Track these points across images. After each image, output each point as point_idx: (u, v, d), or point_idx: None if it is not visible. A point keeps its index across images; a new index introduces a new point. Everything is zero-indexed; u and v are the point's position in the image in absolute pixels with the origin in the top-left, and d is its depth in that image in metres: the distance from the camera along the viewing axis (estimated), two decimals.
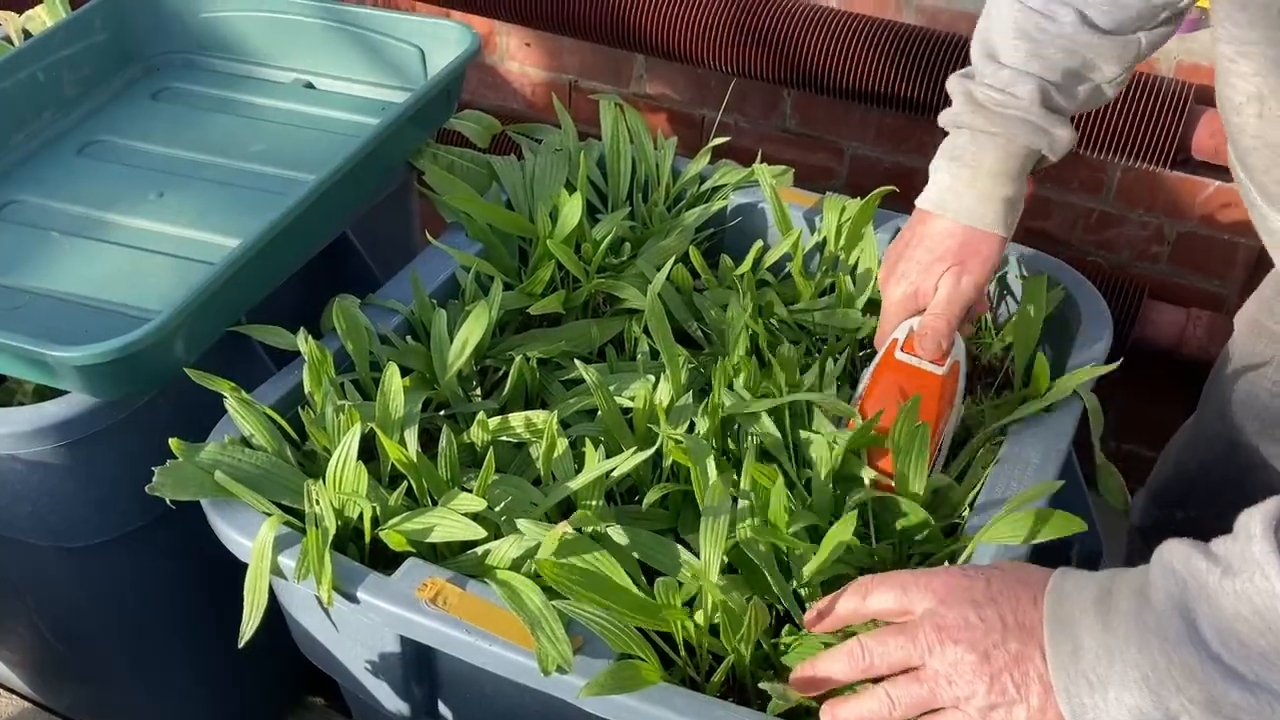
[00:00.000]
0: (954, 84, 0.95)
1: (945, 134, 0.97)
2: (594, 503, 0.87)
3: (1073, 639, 0.62)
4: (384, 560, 0.86)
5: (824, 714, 0.70)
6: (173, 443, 0.88)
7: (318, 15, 1.31)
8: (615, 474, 0.88)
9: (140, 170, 1.21)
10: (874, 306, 1.07)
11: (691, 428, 0.95)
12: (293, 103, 1.31)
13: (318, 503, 0.86)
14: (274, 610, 0.89)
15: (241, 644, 0.84)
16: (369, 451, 0.91)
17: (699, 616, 0.79)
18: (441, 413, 1.00)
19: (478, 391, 1.04)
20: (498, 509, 0.87)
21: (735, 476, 0.87)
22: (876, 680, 0.69)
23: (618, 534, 0.84)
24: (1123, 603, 0.62)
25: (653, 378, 0.97)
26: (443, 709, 0.92)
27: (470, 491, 0.86)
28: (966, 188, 0.93)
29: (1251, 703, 0.56)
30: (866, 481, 0.90)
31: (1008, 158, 0.92)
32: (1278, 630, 0.55)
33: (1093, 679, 0.61)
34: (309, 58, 1.34)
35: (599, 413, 0.95)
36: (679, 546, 0.85)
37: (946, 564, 0.86)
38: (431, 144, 1.23)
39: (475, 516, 0.84)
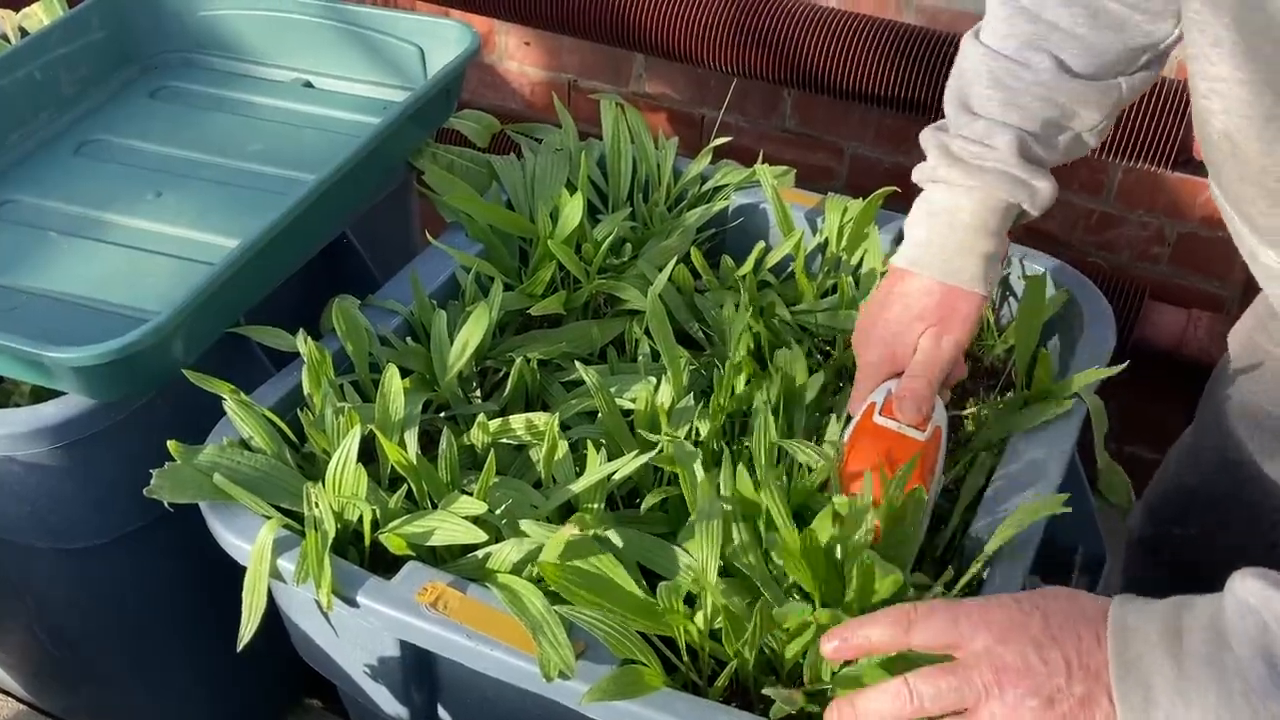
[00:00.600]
0: (927, 137, 0.91)
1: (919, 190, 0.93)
2: (595, 505, 0.86)
3: (1144, 684, 0.59)
4: (384, 564, 0.86)
5: None
6: (171, 445, 0.87)
7: (317, 14, 1.31)
8: (616, 477, 0.87)
9: (138, 170, 1.20)
10: None
11: (693, 430, 0.94)
12: (292, 102, 1.30)
13: (317, 505, 0.85)
14: (273, 612, 0.88)
15: (240, 647, 0.83)
16: (368, 454, 0.90)
17: (699, 620, 0.78)
18: (441, 414, 0.99)
19: (478, 393, 1.03)
20: (498, 512, 0.87)
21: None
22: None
23: (617, 537, 0.83)
24: (1196, 642, 0.58)
25: (654, 379, 0.97)
26: (442, 713, 0.91)
27: (470, 494, 0.86)
28: (944, 244, 0.89)
29: None
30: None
31: (986, 212, 0.88)
32: None
33: None
34: (308, 57, 1.33)
35: (599, 415, 0.95)
36: (678, 549, 0.84)
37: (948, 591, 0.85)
38: (431, 143, 1.22)
39: (476, 520, 0.84)
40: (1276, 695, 0.55)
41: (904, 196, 1.11)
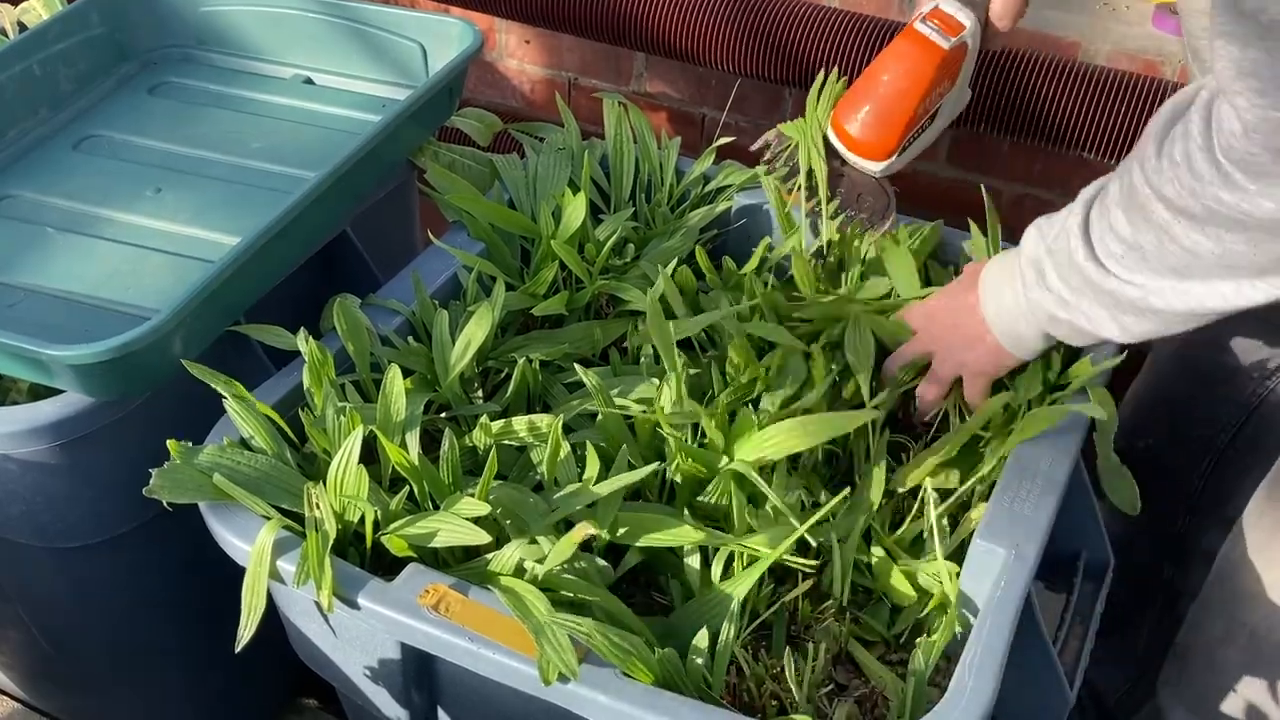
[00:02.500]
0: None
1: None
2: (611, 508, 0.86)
3: (997, 301, 0.93)
4: (385, 565, 0.85)
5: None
6: (171, 444, 0.86)
7: (318, 10, 1.30)
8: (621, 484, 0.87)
9: (137, 166, 1.20)
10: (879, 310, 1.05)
11: (697, 431, 0.94)
12: (292, 99, 1.29)
13: (318, 506, 0.84)
14: (270, 613, 0.88)
15: (239, 648, 0.83)
16: (369, 454, 0.90)
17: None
18: (443, 415, 0.99)
19: (479, 393, 1.03)
20: (501, 510, 0.86)
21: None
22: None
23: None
24: (1018, 268, 0.90)
25: (656, 380, 0.96)
26: (442, 715, 0.91)
27: (472, 495, 0.85)
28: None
29: (1069, 319, 0.87)
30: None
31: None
32: (1073, 276, 0.85)
33: (1010, 321, 0.92)
34: (309, 53, 1.32)
35: (599, 417, 0.94)
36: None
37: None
38: (433, 142, 1.21)
39: (478, 521, 0.83)
40: (1040, 288, 0.88)
41: (902, 198, 1.11)
